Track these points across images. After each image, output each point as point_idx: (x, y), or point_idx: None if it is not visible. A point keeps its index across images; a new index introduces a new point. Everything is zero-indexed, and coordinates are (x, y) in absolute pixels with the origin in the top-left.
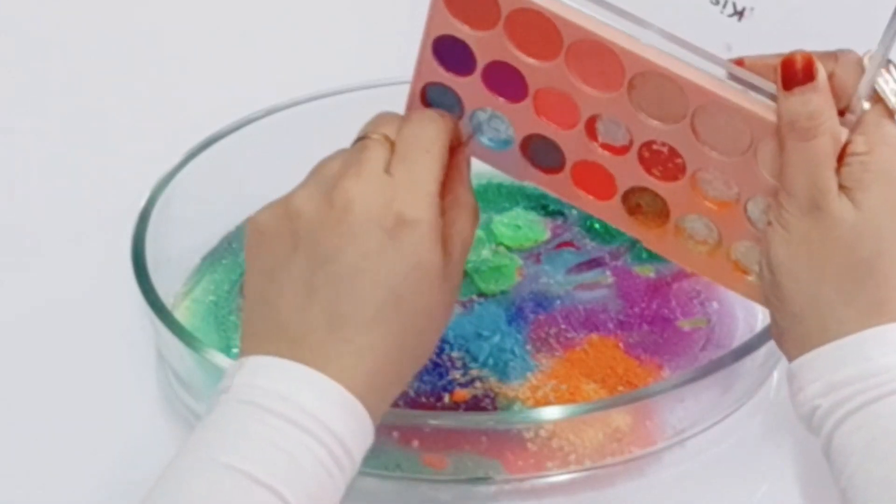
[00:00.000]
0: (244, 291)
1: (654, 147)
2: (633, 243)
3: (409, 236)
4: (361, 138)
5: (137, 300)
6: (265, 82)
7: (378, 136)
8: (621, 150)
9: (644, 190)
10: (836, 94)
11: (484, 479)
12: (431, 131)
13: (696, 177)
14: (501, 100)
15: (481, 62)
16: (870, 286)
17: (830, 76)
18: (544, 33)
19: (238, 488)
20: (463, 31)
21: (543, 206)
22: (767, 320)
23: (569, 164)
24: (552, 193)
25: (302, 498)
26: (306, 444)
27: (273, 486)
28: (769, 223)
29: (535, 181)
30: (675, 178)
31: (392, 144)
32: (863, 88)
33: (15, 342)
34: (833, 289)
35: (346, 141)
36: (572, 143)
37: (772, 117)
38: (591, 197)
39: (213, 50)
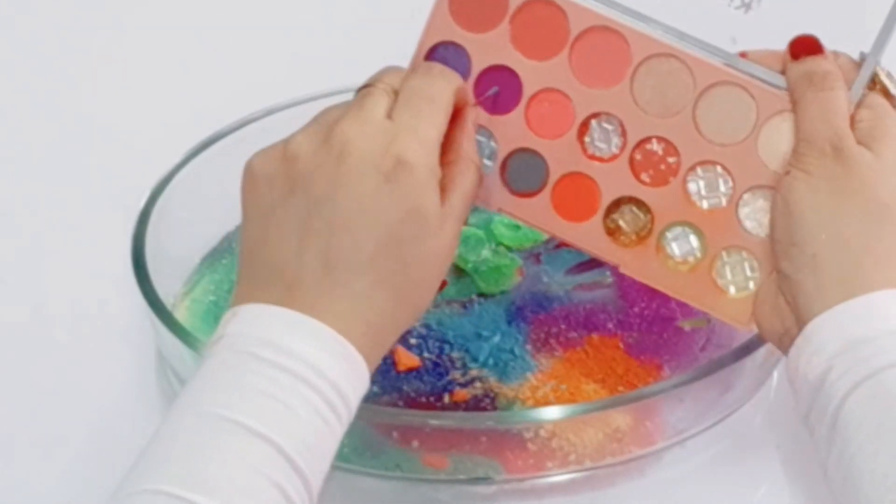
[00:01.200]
0: (240, 236)
1: (648, 147)
2: None
3: (406, 180)
4: (365, 86)
5: (137, 300)
6: (265, 82)
7: (382, 85)
8: (610, 159)
9: (626, 205)
10: None
11: (484, 479)
12: (437, 83)
13: (687, 180)
14: (490, 113)
15: (476, 69)
16: (890, 236)
17: None
18: (551, 26)
19: (234, 440)
20: (463, 36)
21: None
22: None
23: (551, 182)
24: (524, 221)
25: (299, 447)
26: (301, 392)
27: (269, 437)
28: (787, 172)
29: (509, 208)
30: (665, 182)
31: (396, 94)
32: (862, 77)
33: (15, 342)
34: (854, 228)
35: None
36: (560, 154)
37: (780, 94)
38: (567, 221)
39: (213, 50)
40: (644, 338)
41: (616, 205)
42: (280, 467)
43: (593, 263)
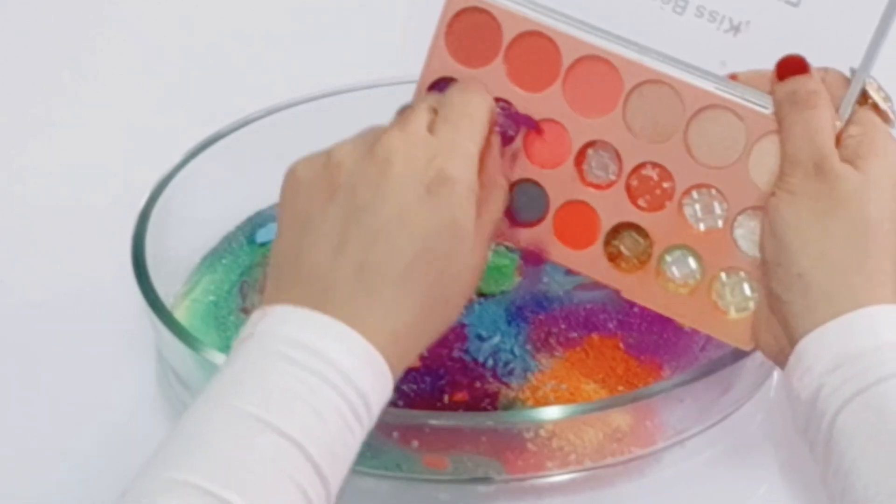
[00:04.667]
0: (274, 239)
1: (643, 172)
2: None
3: (447, 193)
4: (405, 107)
5: (137, 300)
6: (265, 82)
7: (423, 104)
8: (608, 186)
9: (626, 230)
10: None
11: (484, 479)
12: (475, 100)
13: (682, 203)
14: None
15: None
16: (876, 252)
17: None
18: (543, 58)
19: (262, 436)
20: (461, 72)
21: None
22: None
23: (552, 210)
24: (530, 250)
25: (324, 453)
26: (330, 397)
27: (298, 441)
28: (772, 194)
29: (512, 239)
30: (661, 207)
31: (436, 113)
32: (851, 93)
33: (15, 342)
34: (840, 247)
35: None
36: (559, 183)
37: (768, 115)
38: (570, 248)
39: (213, 50)
40: (644, 338)
41: (616, 231)
42: (306, 472)
43: None
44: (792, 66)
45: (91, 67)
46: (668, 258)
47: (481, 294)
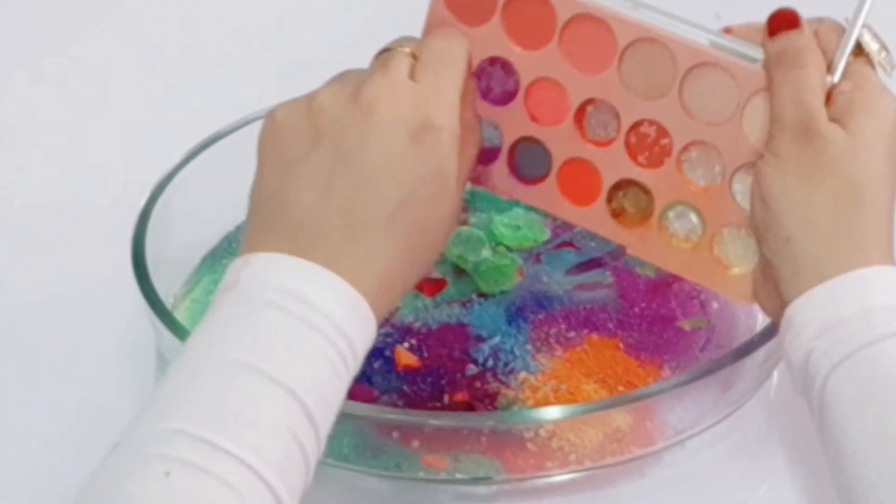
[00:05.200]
0: (253, 185)
1: (641, 130)
2: None
3: (432, 141)
4: (384, 51)
5: (137, 300)
6: (265, 82)
7: (402, 50)
8: (608, 142)
9: (628, 187)
10: (821, 52)
11: (484, 479)
12: (455, 46)
13: (681, 160)
14: (492, 104)
15: (475, 62)
16: (864, 215)
17: (814, 35)
18: (539, 17)
19: (253, 384)
20: (460, 30)
21: None
22: (767, 320)
23: (555, 167)
24: (536, 206)
25: (316, 399)
26: (320, 345)
27: (291, 387)
28: (760, 156)
29: (519, 195)
30: (660, 164)
31: (415, 58)
32: (844, 45)
33: (14, 342)
34: (827, 211)
35: None
36: (560, 140)
37: (760, 71)
38: (574, 205)
39: (213, 50)
40: (644, 338)
41: (618, 187)
42: (298, 418)
43: (593, 263)
44: (783, 21)
45: (91, 67)
46: (671, 213)
47: (481, 294)
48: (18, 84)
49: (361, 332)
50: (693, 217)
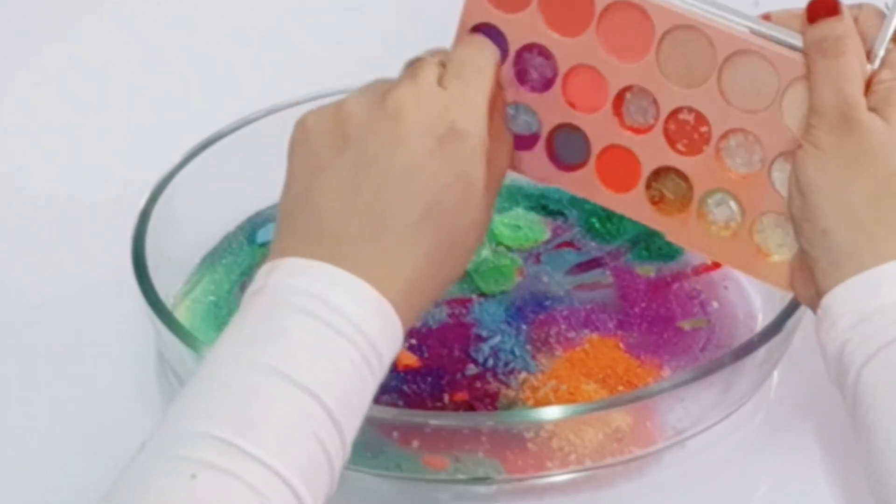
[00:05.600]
0: (282, 191)
1: (680, 117)
2: (634, 243)
3: (458, 147)
4: (414, 61)
5: (137, 300)
6: (265, 82)
7: (431, 59)
8: (647, 130)
9: (667, 174)
10: (861, 38)
11: (484, 479)
12: (484, 54)
13: (720, 147)
14: (530, 91)
15: (513, 49)
16: None
17: (854, 21)
18: (577, 4)
19: (279, 388)
20: (498, 17)
21: (543, 206)
22: (767, 320)
23: (594, 154)
24: (575, 193)
25: (339, 402)
26: (343, 347)
27: (313, 390)
28: (799, 146)
29: (558, 182)
30: (699, 151)
31: (444, 67)
32: (884, 33)
33: (14, 342)
34: (865, 202)
35: None
36: (599, 127)
37: (799, 59)
38: (613, 192)
39: (213, 50)
40: (644, 338)
41: (656, 174)
42: (321, 421)
43: (593, 263)
44: (823, 7)
45: (91, 67)
46: (711, 201)
47: (481, 294)
48: (18, 84)
49: (386, 336)
50: (732, 204)
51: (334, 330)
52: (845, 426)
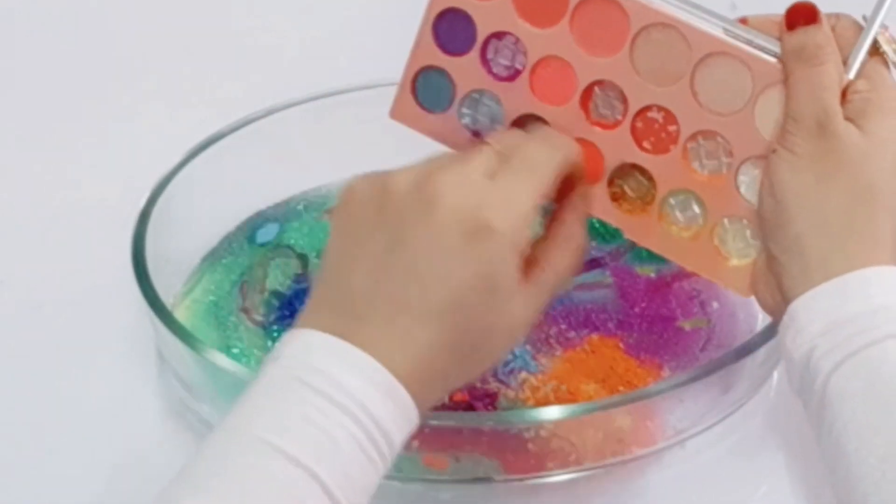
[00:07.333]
0: (323, 254)
1: (649, 115)
2: (634, 243)
3: (485, 245)
4: (481, 143)
5: (137, 300)
6: (265, 82)
7: (495, 146)
8: (613, 126)
9: (630, 171)
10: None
11: (484, 479)
12: (546, 153)
13: (687, 148)
14: (496, 80)
15: (482, 35)
16: (875, 216)
17: (831, 31)
18: None
19: (273, 463)
20: (468, 3)
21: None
22: (767, 320)
23: None
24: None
25: (338, 477)
26: (346, 425)
27: (308, 466)
28: (773, 151)
29: None
30: (665, 150)
31: (503, 156)
32: (861, 44)
33: (15, 342)
34: (838, 210)
35: (346, 141)
36: (564, 120)
37: (775, 64)
38: None
39: (213, 50)
40: (644, 338)
41: (620, 171)
42: (316, 496)
43: (593, 263)
44: (802, 15)
45: (91, 67)
46: (672, 201)
47: None
48: (18, 84)
49: (394, 414)
50: (695, 206)
51: (337, 407)
52: None
